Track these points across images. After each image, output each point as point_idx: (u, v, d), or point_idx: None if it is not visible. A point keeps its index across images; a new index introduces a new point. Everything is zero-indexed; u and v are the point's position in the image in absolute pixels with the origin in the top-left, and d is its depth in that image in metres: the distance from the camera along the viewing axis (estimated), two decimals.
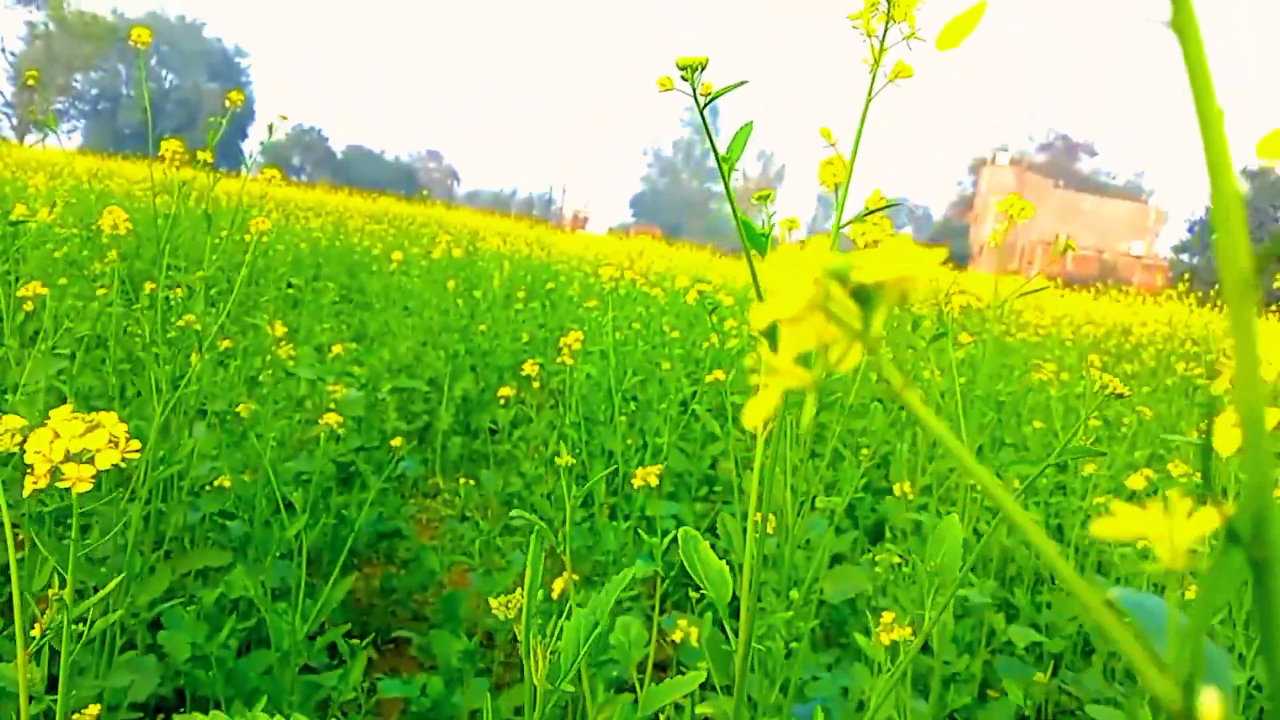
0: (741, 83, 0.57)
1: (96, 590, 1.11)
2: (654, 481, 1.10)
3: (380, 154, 64.13)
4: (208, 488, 1.90)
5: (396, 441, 1.79)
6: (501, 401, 2.62)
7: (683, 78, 0.58)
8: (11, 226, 1.81)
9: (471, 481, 2.38)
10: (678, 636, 1.17)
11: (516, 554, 2.07)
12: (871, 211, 0.59)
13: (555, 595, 1.44)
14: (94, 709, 0.85)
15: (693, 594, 1.02)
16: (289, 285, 5.36)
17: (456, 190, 66.14)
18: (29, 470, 0.47)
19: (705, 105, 0.58)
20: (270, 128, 1.52)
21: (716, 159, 0.57)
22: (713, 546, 0.89)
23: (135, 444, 0.49)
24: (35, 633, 0.88)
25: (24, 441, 0.58)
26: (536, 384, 2.49)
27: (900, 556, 1.27)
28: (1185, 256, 39.10)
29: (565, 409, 2.36)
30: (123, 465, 0.48)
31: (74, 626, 0.92)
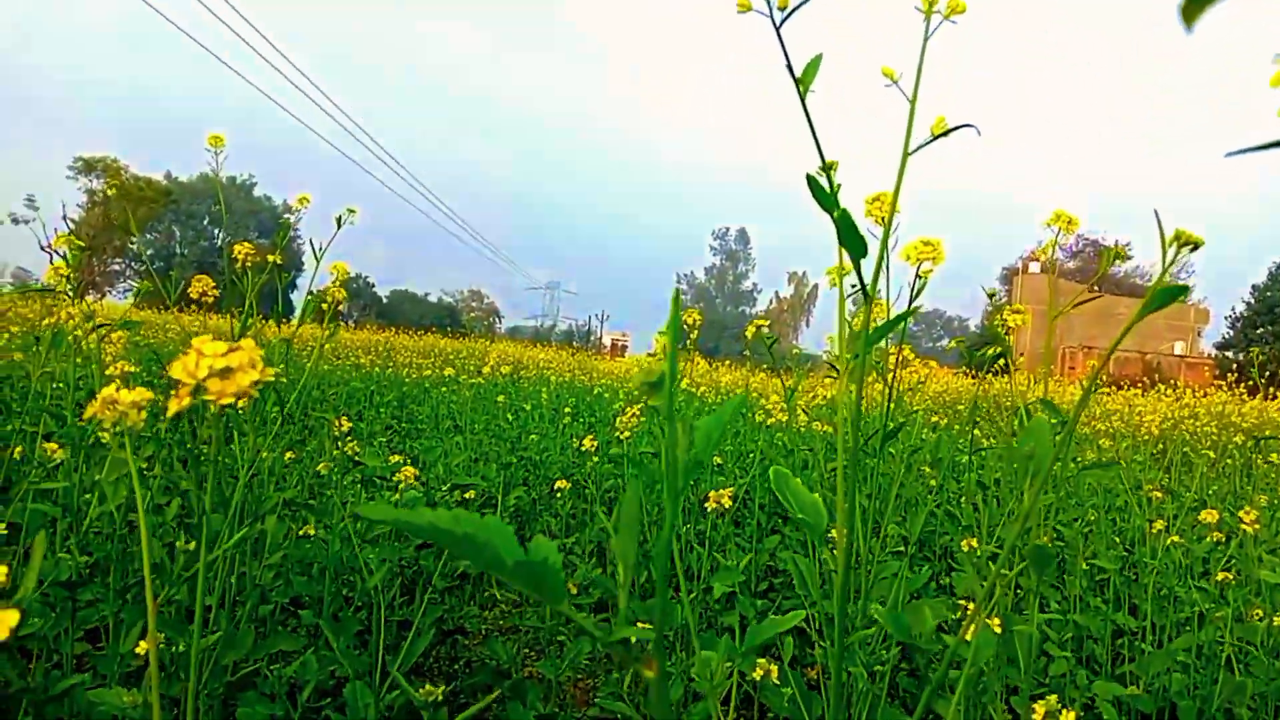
0: None
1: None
2: (727, 503, 1.11)
3: (424, 296, 65.85)
4: (279, 584, 1.93)
5: (469, 495, 1.82)
6: (557, 495, 2.64)
7: None
8: (95, 328, 1.91)
9: None
10: (757, 675, 1.16)
11: (583, 640, 2.06)
12: (938, 136, 0.64)
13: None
14: None
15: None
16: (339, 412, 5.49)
17: (499, 327, 67.41)
18: (175, 390, 0.50)
19: (784, 20, 0.63)
20: (339, 220, 1.61)
21: (794, 81, 0.62)
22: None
23: (270, 370, 0.53)
24: (141, 648, 0.91)
25: (152, 414, 0.62)
26: (596, 458, 2.51)
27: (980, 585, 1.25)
28: (1229, 354, 38.47)
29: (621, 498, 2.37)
30: (254, 393, 0.51)
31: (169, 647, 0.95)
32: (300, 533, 1.79)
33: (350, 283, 1.92)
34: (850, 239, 0.58)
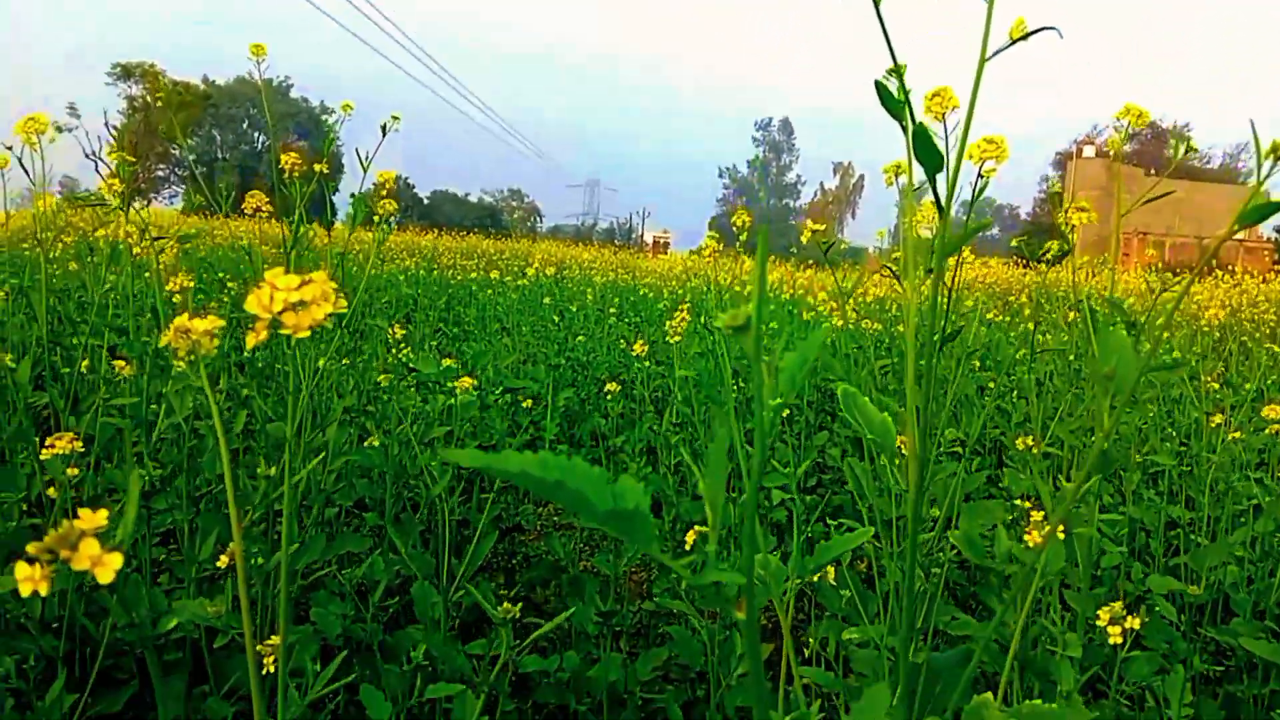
0: None
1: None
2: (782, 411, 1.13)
3: (465, 196, 65.50)
4: (342, 486, 1.99)
5: (526, 403, 1.86)
6: (608, 396, 2.66)
7: None
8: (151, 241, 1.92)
9: None
10: (815, 578, 1.18)
11: None
12: (1017, 40, 0.61)
13: (688, 546, 1.47)
14: (274, 639, 0.91)
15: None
16: (389, 318, 5.56)
17: (540, 226, 67.12)
18: (251, 326, 0.51)
19: None
20: (384, 128, 1.60)
21: (875, 5, 0.60)
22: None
23: (343, 301, 0.53)
24: (223, 562, 0.95)
25: (226, 340, 0.63)
26: (647, 362, 2.53)
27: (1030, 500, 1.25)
28: None
29: (672, 402, 2.40)
30: (328, 325, 0.52)
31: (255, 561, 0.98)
32: (366, 444, 1.83)
33: (390, 184, 1.92)
34: (926, 153, 0.56)
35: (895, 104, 0.59)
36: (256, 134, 52.55)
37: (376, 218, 1.56)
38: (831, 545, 0.68)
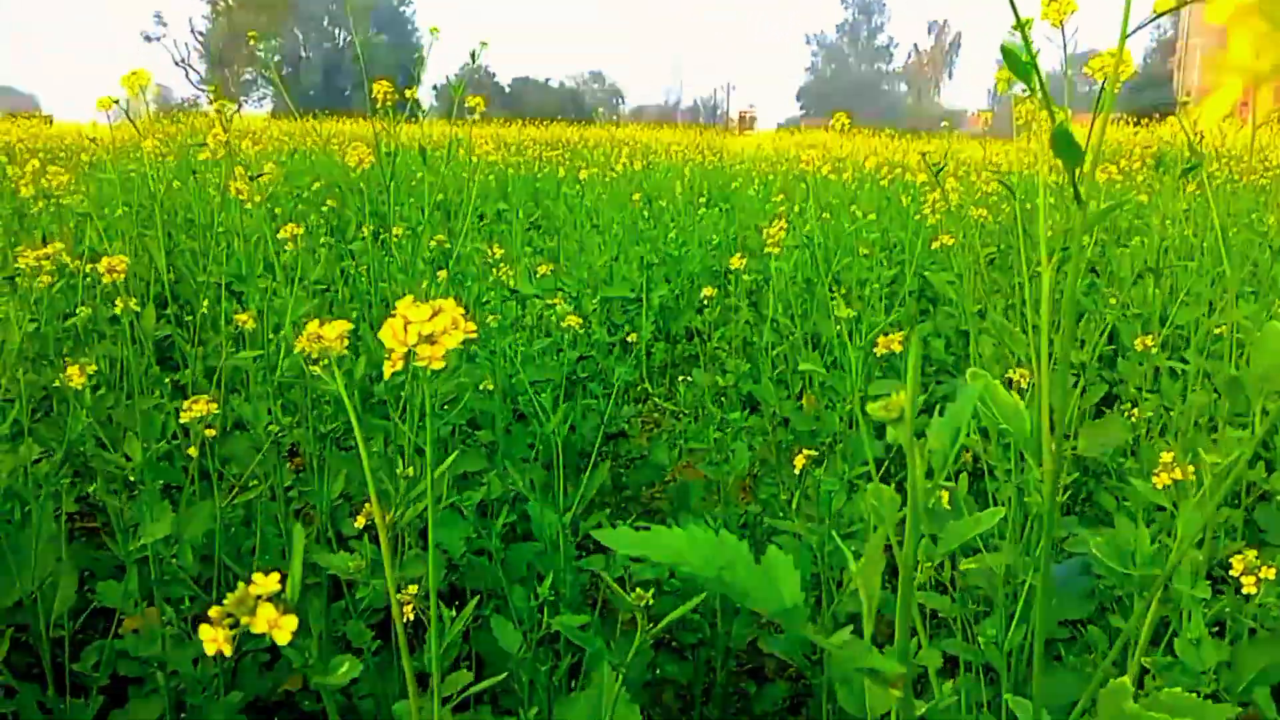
0: None
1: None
2: (897, 348, 1.11)
3: (546, 82, 64.62)
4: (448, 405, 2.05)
5: (632, 337, 1.89)
6: (705, 301, 2.66)
7: None
8: (252, 180, 1.97)
9: (688, 378, 2.46)
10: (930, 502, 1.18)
11: (739, 443, 2.13)
12: (1162, 14, 0.57)
13: (797, 470, 1.49)
14: (412, 589, 0.96)
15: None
16: (481, 217, 5.60)
17: (622, 108, 66.00)
18: (388, 355, 0.54)
19: None
20: (473, 54, 1.58)
21: None
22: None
23: (472, 325, 0.55)
24: (360, 523, 1.00)
25: (348, 342, 0.66)
26: (746, 277, 2.52)
27: (1162, 408, 1.22)
28: None
29: (770, 299, 2.38)
30: (462, 347, 0.54)
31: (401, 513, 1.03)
32: (479, 385, 1.88)
33: (472, 74, 1.91)
34: (1066, 150, 0.52)
35: (1022, 67, 0.56)
36: (337, 30, 52.40)
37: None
38: (961, 527, 0.68)
